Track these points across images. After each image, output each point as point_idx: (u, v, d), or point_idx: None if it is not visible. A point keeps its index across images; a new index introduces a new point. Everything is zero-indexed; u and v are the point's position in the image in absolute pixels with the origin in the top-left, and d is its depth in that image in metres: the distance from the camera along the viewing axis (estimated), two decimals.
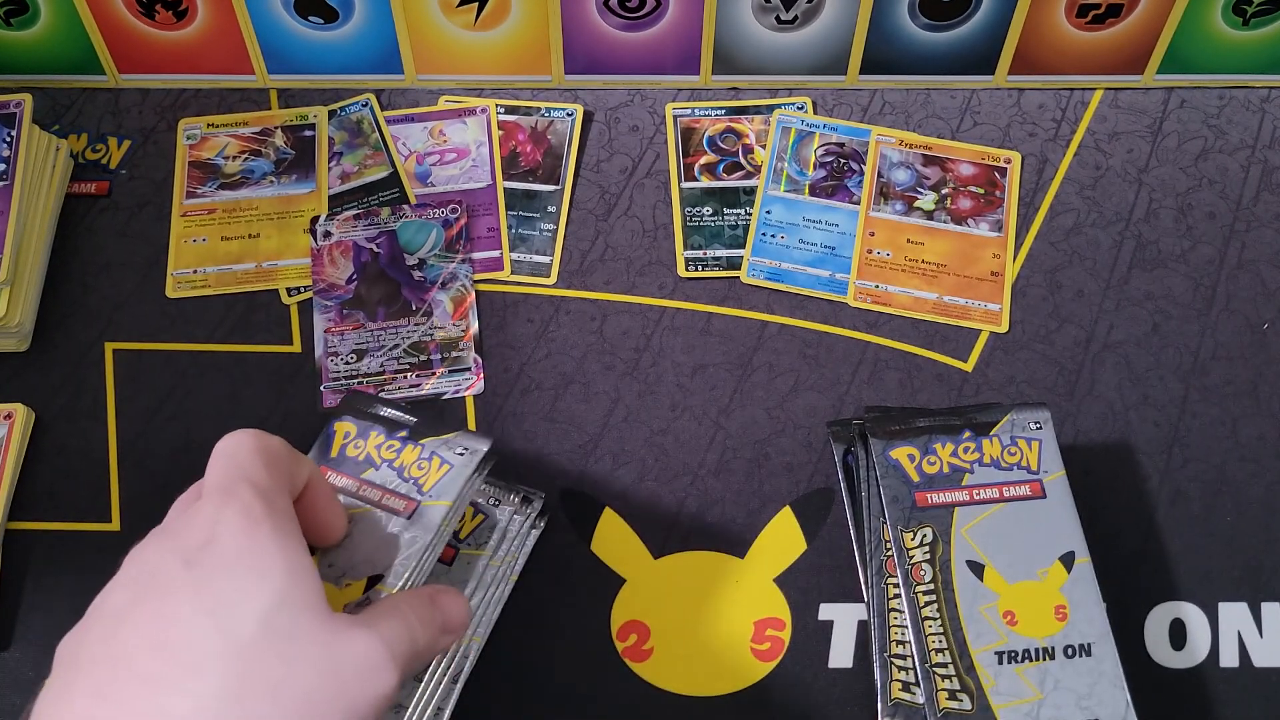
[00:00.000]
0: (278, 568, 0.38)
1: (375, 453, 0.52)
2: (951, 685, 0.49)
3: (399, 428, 0.52)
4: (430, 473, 0.51)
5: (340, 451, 0.52)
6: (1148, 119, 0.69)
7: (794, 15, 0.66)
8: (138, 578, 0.39)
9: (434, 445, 0.51)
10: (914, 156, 0.68)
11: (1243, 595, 0.56)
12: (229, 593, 0.37)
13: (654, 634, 0.55)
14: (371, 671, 0.39)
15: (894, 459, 0.53)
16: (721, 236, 0.66)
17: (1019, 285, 0.64)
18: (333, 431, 0.52)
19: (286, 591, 0.38)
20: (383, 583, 0.48)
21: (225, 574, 0.38)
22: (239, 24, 0.67)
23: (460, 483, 0.50)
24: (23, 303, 0.62)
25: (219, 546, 0.38)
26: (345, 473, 0.51)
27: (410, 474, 0.51)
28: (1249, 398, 0.61)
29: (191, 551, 0.38)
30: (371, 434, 0.52)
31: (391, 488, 0.50)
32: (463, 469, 0.51)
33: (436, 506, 0.50)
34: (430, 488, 0.50)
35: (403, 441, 0.52)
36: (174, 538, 0.39)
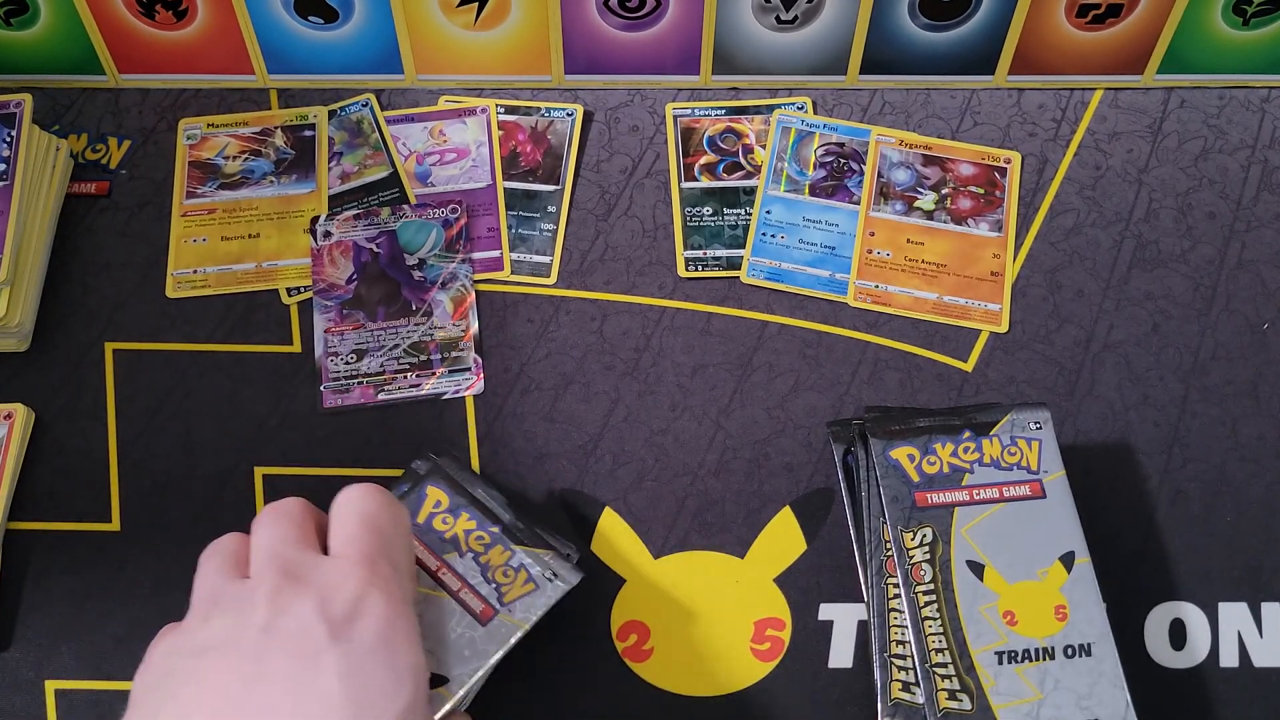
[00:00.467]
0: (411, 675, 0.38)
1: (463, 538, 0.51)
2: (951, 685, 0.49)
3: (492, 520, 0.52)
4: (514, 585, 0.50)
5: (428, 521, 0.51)
6: (1148, 119, 0.69)
7: (794, 15, 0.66)
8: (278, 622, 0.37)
9: (524, 557, 0.51)
10: (914, 156, 0.68)
11: (1243, 595, 0.56)
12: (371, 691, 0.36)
13: (654, 634, 0.55)
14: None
15: (894, 459, 0.53)
16: (721, 236, 0.66)
17: (1019, 285, 0.64)
18: (425, 494, 0.52)
19: (414, 700, 0.38)
20: (446, 687, 0.47)
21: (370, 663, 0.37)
22: (239, 24, 0.67)
23: (543, 609, 0.50)
24: (23, 303, 0.62)
25: (365, 629, 0.37)
26: (428, 546, 0.50)
27: (494, 578, 0.50)
28: (1249, 398, 0.61)
29: (338, 624, 0.37)
30: (463, 515, 0.51)
31: (472, 584, 0.50)
32: (549, 595, 0.50)
33: (513, 625, 0.49)
34: (511, 600, 0.50)
35: (494, 538, 0.51)
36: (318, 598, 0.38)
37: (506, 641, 0.49)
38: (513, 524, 0.52)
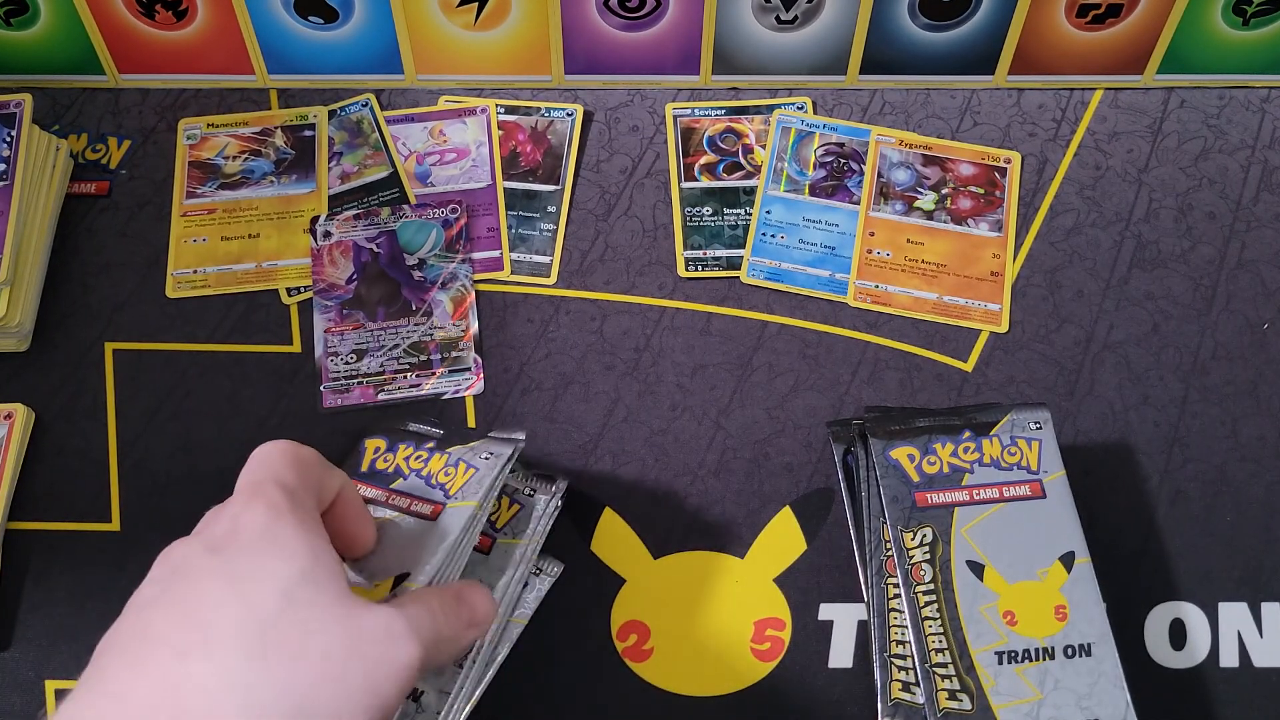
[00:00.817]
0: (300, 550, 0.39)
1: (404, 464, 0.53)
2: (951, 685, 0.49)
3: (426, 440, 0.54)
4: (456, 477, 0.52)
5: (370, 466, 0.53)
6: (1148, 119, 0.69)
7: (794, 15, 0.66)
8: (165, 572, 0.40)
9: (460, 453, 0.53)
10: (914, 156, 0.68)
11: (1243, 595, 0.56)
12: (252, 569, 0.39)
13: (654, 634, 0.55)
14: (391, 640, 0.39)
15: (894, 459, 0.53)
16: (721, 236, 0.66)
17: (1019, 285, 0.64)
18: (364, 447, 0.54)
19: (308, 569, 0.39)
20: (410, 579, 0.48)
21: (249, 554, 0.39)
22: (239, 24, 0.67)
23: (486, 484, 0.51)
24: (23, 303, 0.62)
25: (242, 533, 0.40)
26: (374, 484, 0.52)
27: (437, 480, 0.52)
28: (1249, 397, 0.61)
29: (216, 540, 0.40)
30: (400, 447, 0.54)
31: (419, 494, 0.52)
32: (488, 471, 0.52)
33: (462, 507, 0.51)
34: (456, 490, 0.51)
35: (430, 452, 0.53)
36: (200, 533, 0.41)
37: (461, 522, 0.50)
38: (446, 437, 0.53)
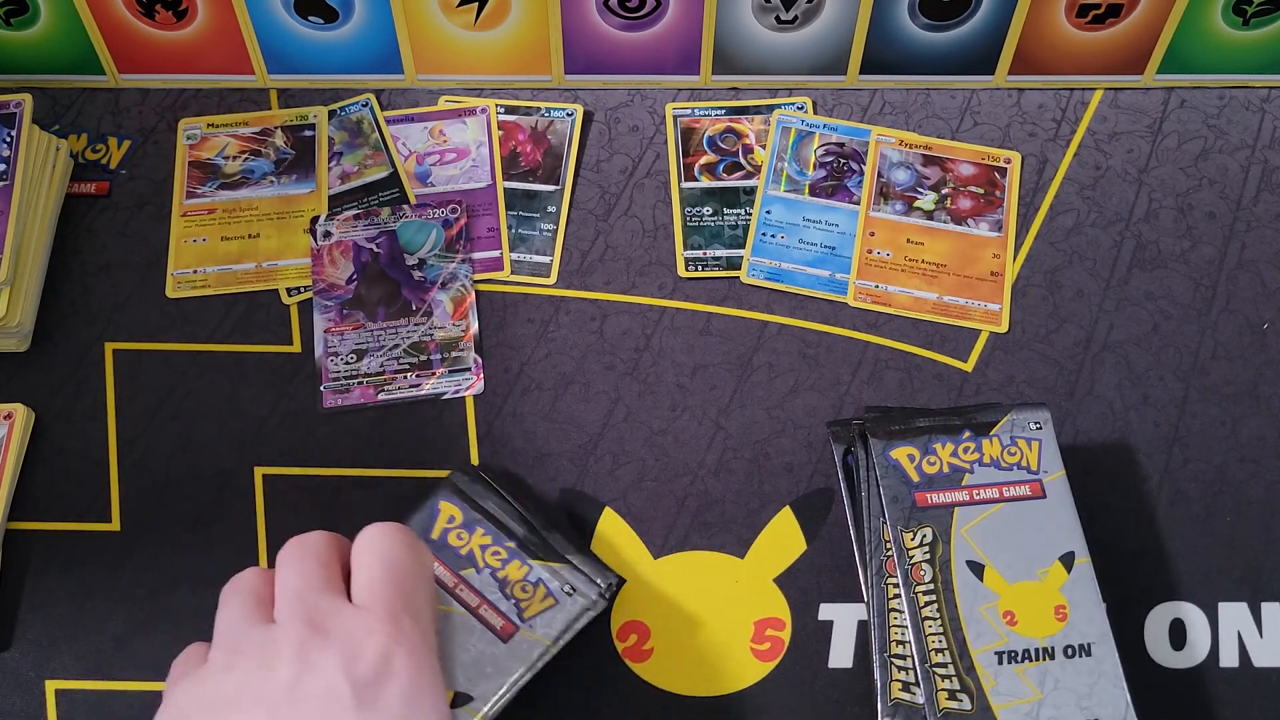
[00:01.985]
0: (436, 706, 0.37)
1: (479, 553, 0.51)
2: (951, 685, 0.49)
3: (507, 535, 0.52)
4: (533, 600, 0.51)
5: (442, 536, 0.52)
6: (1148, 119, 0.69)
7: (794, 15, 0.66)
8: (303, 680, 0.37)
9: (542, 572, 0.51)
10: (914, 156, 0.68)
11: (1243, 595, 0.56)
12: None
13: (654, 634, 0.55)
14: None
15: (894, 459, 0.53)
16: (721, 236, 0.66)
17: (1019, 285, 0.64)
18: (437, 509, 0.52)
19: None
20: (469, 705, 0.48)
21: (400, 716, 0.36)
22: (239, 24, 0.67)
23: (562, 625, 0.50)
24: (23, 303, 0.62)
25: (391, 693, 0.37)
26: (444, 562, 0.51)
27: (513, 593, 0.51)
28: (1249, 398, 0.61)
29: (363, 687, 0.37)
30: (478, 530, 0.52)
31: (491, 599, 0.50)
32: (568, 610, 0.51)
33: (535, 642, 0.50)
34: (531, 616, 0.50)
35: (510, 554, 0.51)
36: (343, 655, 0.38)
37: (529, 658, 0.49)
38: (527, 538, 0.52)
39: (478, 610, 0.50)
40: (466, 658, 0.49)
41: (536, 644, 0.50)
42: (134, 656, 0.55)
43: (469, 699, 0.48)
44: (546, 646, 0.50)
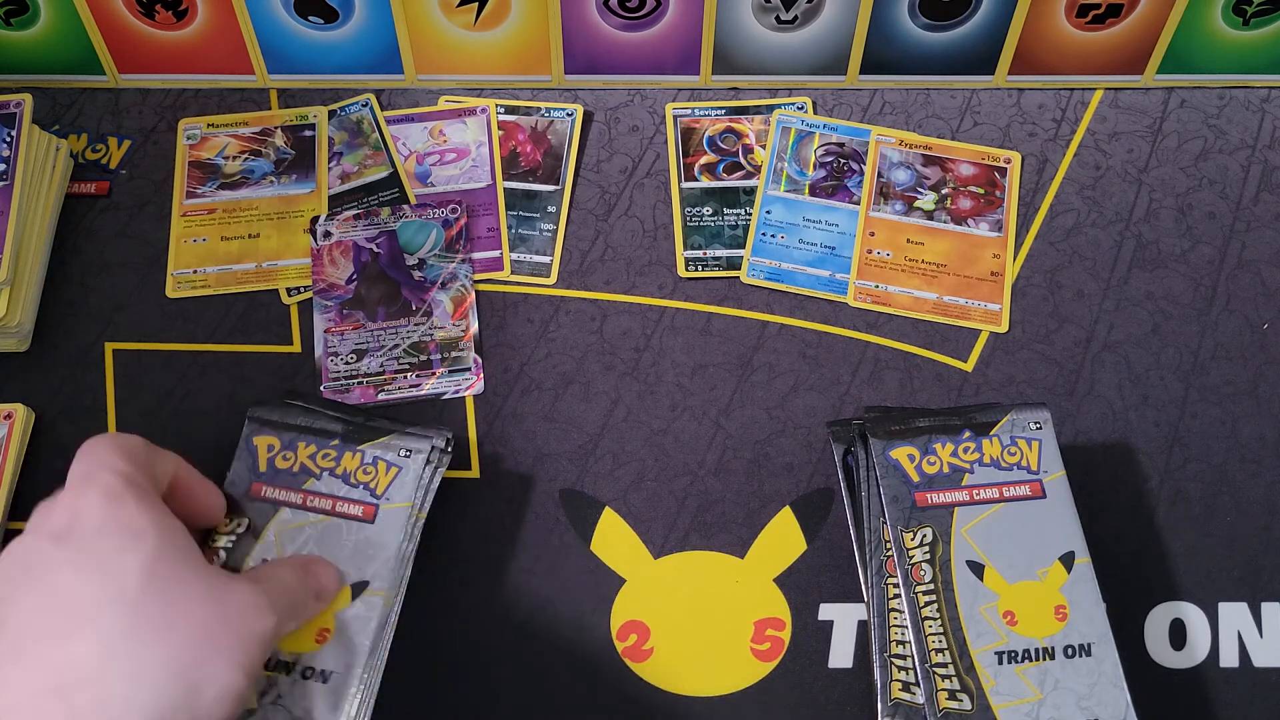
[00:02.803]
0: (148, 528, 0.41)
1: (311, 463, 0.53)
2: (951, 685, 0.49)
3: (328, 437, 0.54)
4: (379, 477, 0.53)
5: (270, 466, 0.53)
6: (1148, 119, 0.69)
7: (794, 15, 0.66)
8: (14, 571, 0.41)
9: (375, 450, 0.53)
10: (914, 156, 0.68)
11: (1243, 595, 0.56)
12: (106, 554, 0.40)
13: (654, 634, 0.55)
14: (254, 610, 0.42)
15: (894, 459, 0.53)
16: (721, 236, 0.66)
17: (1019, 285, 0.64)
18: (253, 447, 0.53)
19: (161, 547, 0.41)
20: (370, 588, 0.50)
21: (97, 539, 0.40)
22: (239, 24, 0.67)
23: (411, 482, 0.52)
24: (23, 303, 0.62)
25: (84, 521, 0.41)
26: (284, 486, 0.52)
27: (358, 479, 0.52)
28: (1249, 398, 0.61)
29: (59, 533, 0.41)
30: (299, 445, 0.53)
31: (342, 495, 0.52)
32: (415, 470, 0.53)
33: (397, 509, 0.52)
34: (384, 490, 0.52)
35: (338, 450, 0.53)
36: (37, 529, 0.42)
37: (402, 524, 0.52)
38: (348, 432, 0.54)
39: (335, 510, 0.52)
40: (346, 553, 0.51)
41: (401, 511, 0.52)
42: None
43: (365, 583, 0.50)
44: (409, 509, 0.52)
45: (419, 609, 0.54)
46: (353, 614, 0.50)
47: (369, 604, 0.50)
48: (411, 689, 0.54)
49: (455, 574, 0.57)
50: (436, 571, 0.56)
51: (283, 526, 0.51)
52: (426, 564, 0.54)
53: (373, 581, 0.51)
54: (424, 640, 0.55)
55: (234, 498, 0.52)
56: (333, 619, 0.50)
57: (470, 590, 0.56)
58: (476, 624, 0.56)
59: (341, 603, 0.50)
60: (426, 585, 0.55)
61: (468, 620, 0.56)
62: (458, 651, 0.55)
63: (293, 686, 0.48)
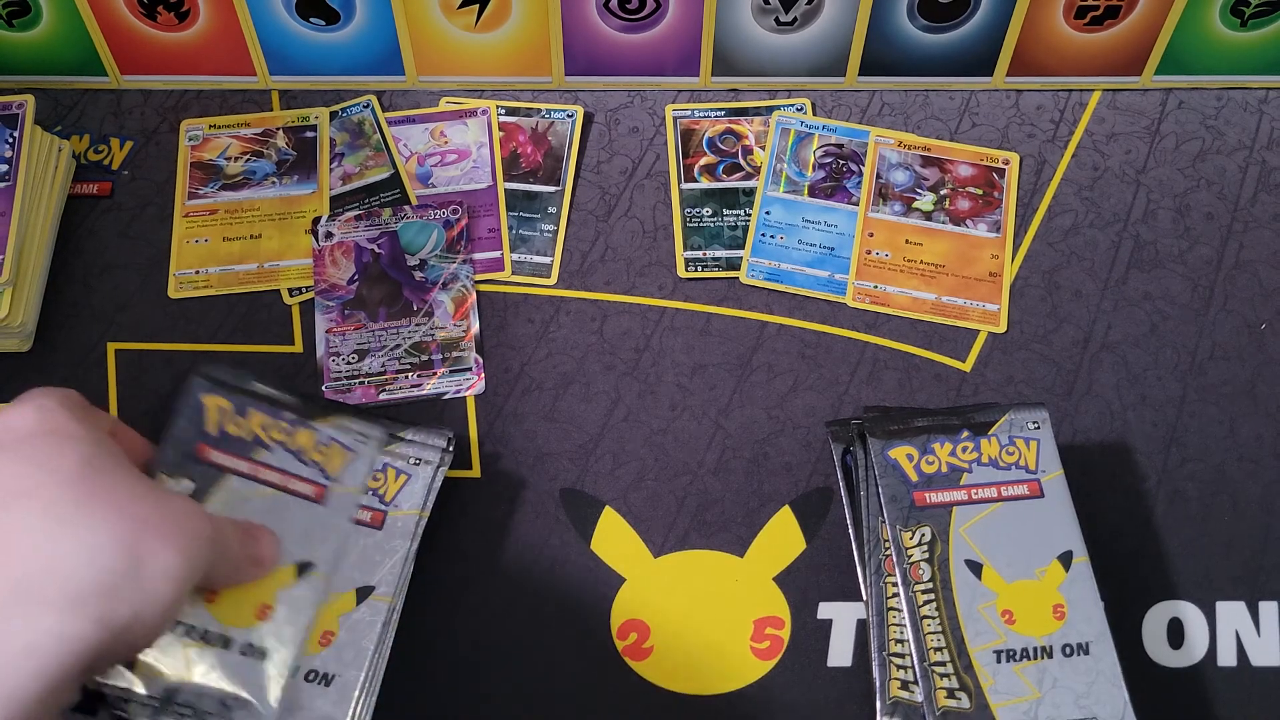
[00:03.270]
0: (83, 434, 0.40)
1: (263, 433, 0.51)
2: (950, 684, 0.49)
3: (281, 407, 0.52)
4: (331, 457, 0.52)
5: (220, 430, 0.50)
6: (1146, 120, 0.70)
7: (793, 17, 0.67)
8: None
9: (330, 431, 0.52)
10: (912, 157, 0.68)
11: (1240, 594, 0.56)
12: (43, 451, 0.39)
13: (654, 633, 0.56)
14: (194, 512, 0.41)
15: (892, 459, 0.54)
16: (721, 237, 0.66)
17: (1017, 286, 0.65)
18: (201, 404, 0.50)
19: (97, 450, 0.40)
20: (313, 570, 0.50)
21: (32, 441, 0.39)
22: (240, 25, 0.67)
23: (363, 470, 0.53)
24: (25, 303, 0.62)
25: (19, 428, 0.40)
26: (233, 453, 0.50)
27: (311, 459, 0.51)
28: (1247, 398, 0.61)
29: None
30: (252, 413, 0.51)
31: (293, 471, 0.51)
32: (368, 457, 0.53)
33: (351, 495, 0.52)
34: (335, 473, 0.52)
35: (293, 424, 0.52)
36: None
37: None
38: (300, 405, 0.52)
39: (285, 486, 0.50)
40: (294, 529, 0.50)
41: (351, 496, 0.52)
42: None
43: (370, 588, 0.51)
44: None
45: (419, 609, 0.55)
46: (357, 618, 0.50)
47: (374, 608, 0.50)
48: (412, 689, 0.54)
49: (455, 574, 0.57)
50: (436, 571, 0.56)
51: (230, 495, 0.49)
52: (426, 564, 0.54)
53: (378, 587, 0.51)
54: (424, 640, 0.55)
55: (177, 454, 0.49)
56: (338, 622, 0.50)
57: (470, 590, 0.56)
58: (476, 624, 0.56)
59: (346, 606, 0.50)
60: (426, 585, 0.55)
61: (468, 620, 0.56)
62: (458, 651, 0.55)
63: (296, 690, 0.48)
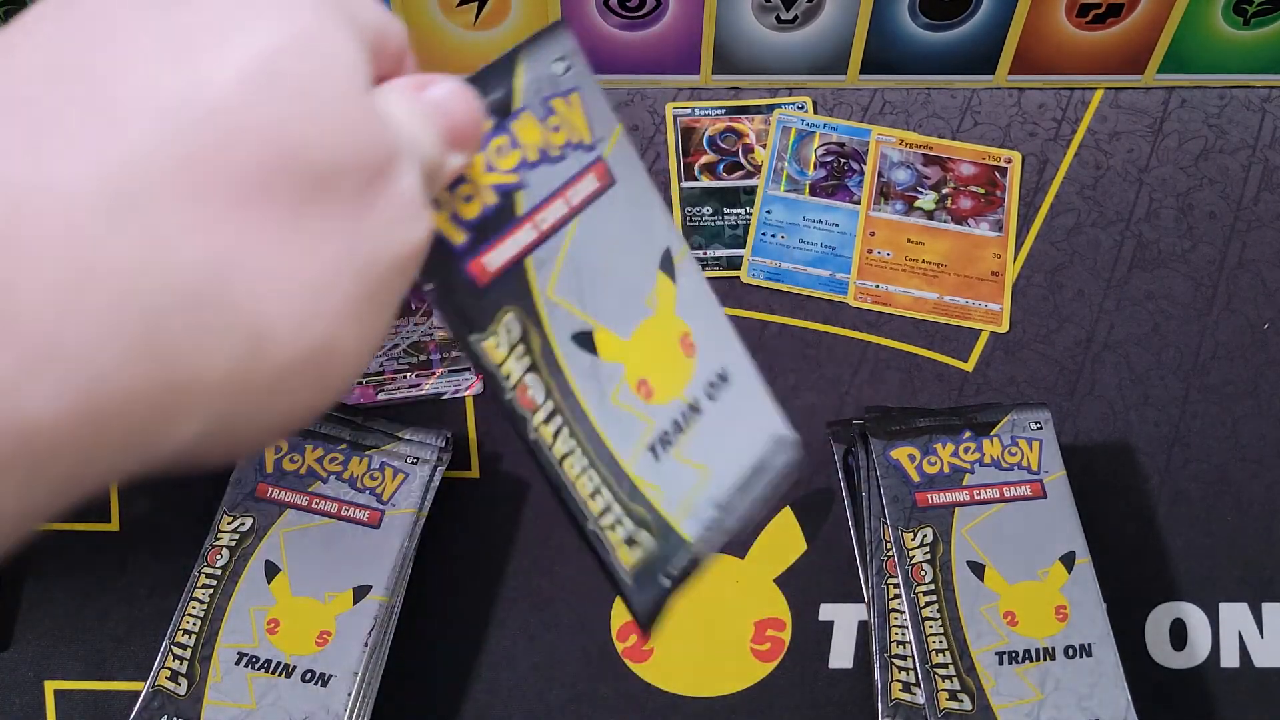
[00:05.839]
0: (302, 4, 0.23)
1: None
2: (952, 686, 0.49)
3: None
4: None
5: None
6: (1148, 119, 0.69)
7: (794, 15, 0.66)
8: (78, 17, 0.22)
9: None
10: (914, 156, 0.68)
11: (1243, 595, 0.56)
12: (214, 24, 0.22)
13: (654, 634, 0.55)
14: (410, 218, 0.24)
15: (894, 459, 0.53)
16: (722, 236, 0.66)
17: (1019, 285, 0.64)
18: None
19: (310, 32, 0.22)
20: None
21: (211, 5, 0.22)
22: None
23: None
24: None
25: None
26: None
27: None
28: (1250, 398, 0.61)
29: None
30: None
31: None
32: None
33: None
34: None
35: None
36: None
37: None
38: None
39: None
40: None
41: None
42: (133, 657, 0.55)
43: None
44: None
45: (419, 609, 0.54)
46: (354, 618, 0.50)
47: (371, 608, 0.50)
48: (411, 689, 0.54)
49: (455, 575, 0.56)
50: (436, 571, 0.56)
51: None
52: (426, 564, 0.54)
53: (375, 586, 0.51)
54: (424, 640, 0.55)
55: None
56: (334, 621, 0.50)
57: (471, 589, 0.56)
58: (476, 624, 0.56)
59: (343, 606, 0.50)
60: (428, 584, 0.55)
61: (467, 621, 0.56)
62: (458, 651, 0.55)
63: (292, 689, 0.48)
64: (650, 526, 0.34)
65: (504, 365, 0.30)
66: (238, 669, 0.49)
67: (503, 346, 0.30)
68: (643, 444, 0.34)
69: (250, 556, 0.51)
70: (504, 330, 0.30)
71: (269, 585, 0.51)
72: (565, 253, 0.31)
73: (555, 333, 0.31)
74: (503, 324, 0.30)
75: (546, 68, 0.31)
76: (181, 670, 0.49)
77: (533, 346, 0.31)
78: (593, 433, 0.33)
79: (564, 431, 0.33)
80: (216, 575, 0.51)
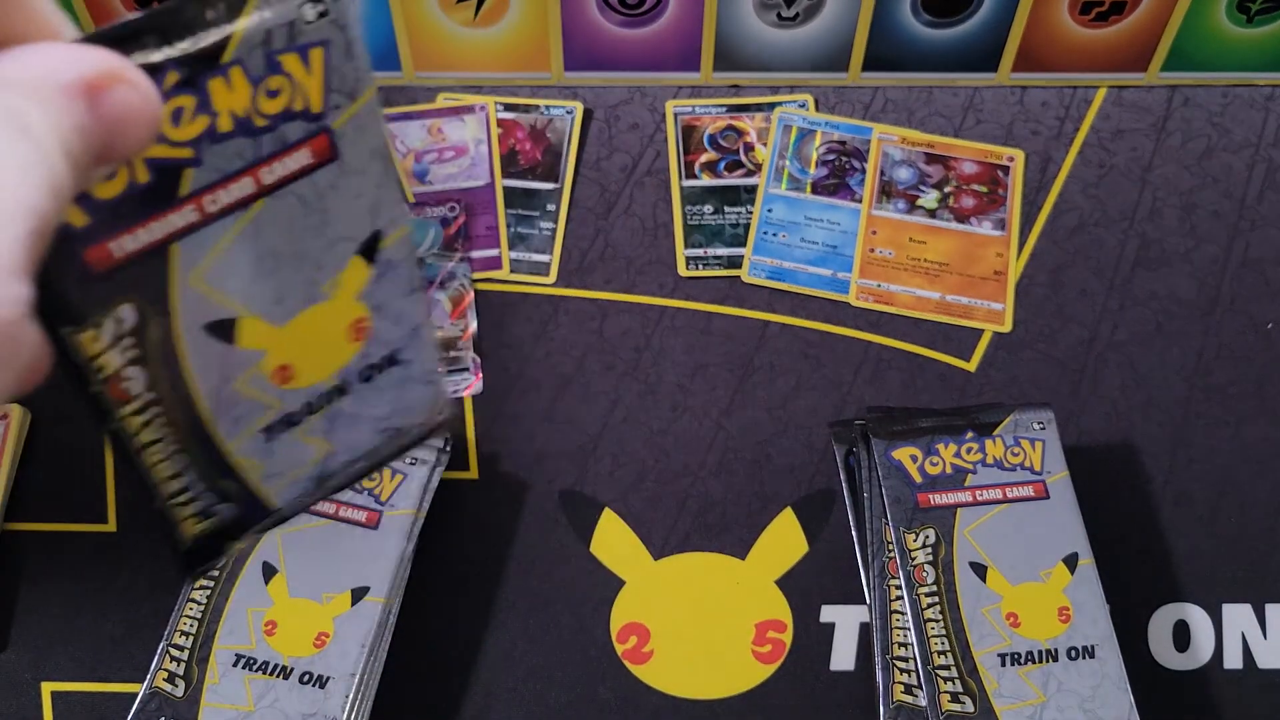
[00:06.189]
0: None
1: None
2: (954, 687, 0.49)
3: None
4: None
5: None
6: (1151, 117, 0.69)
7: (795, 12, 0.66)
8: None
9: None
10: (916, 154, 0.68)
11: (1247, 596, 0.56)
12: None
13: (654, 636, 0.55)
14: None
15: (896, 460, 0.53)
16: (722, 235, 0.65)
17: (1022, 284, 0.64)
18: None
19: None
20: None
21: None
22: None
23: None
24: None
25: None
26: None
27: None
28: (1253, 398, 0.61)
29: None
30: None
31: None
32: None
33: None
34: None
35: None
36: None
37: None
38: None
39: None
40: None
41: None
42: (130, 658, 0.55)
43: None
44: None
45: (419, 609, 0.54)
46: (352, 619, 0.50)
47: (368, 609, 0.50)
48: (411, 690, 0.54)
49: (454, 576, 0.56)
50: (436, 572, 0.56)
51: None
52: (426, 564, 0.54)
53: (372, 587, 0.51)
54: (424, 640, 0.55)
55: None
56: (331, 623, 0.50)
57: (470, 590, 0.56)
58: (476, 624, 0.55)
59: (341, 607, 0.50)
60: (426, 585, 0.54)
61: (466, 623, 0.55)
62: (457, 652, 0.55)
63: (290, 691, 0.48)
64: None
65: (100, 358, 0.28)
66: (235, 671, 0.49)
67: (105, 338, 0.27)
68: (258, 426, 0.32)
69: (247, 557, 0.50)
70: (112, 321, 0.27)
71: (266, 586, 0.51)
72: (234, 237, 0.28)
73: (184, 323, 0.28)
74: (113, 315, 0.27)
75: (292, 11, 0.25)
76: (179, 672, 0.49)
77: (148, 338, 0.28)
78: (195, 420, 0.31)
79: (156, 422, 0.31)
80: (214, 576, 0.51)
